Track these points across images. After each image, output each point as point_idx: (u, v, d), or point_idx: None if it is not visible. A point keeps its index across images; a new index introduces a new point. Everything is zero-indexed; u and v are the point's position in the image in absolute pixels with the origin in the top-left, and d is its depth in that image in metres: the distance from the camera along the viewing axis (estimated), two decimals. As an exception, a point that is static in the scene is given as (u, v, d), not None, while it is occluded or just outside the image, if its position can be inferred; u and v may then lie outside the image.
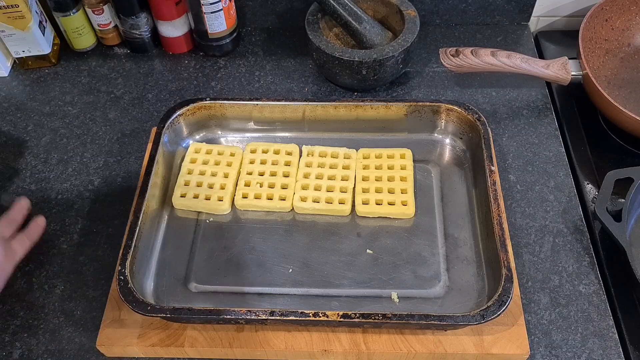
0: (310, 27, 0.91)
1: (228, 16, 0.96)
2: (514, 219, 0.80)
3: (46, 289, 0.76)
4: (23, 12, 0.92)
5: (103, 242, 0.80)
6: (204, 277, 0.74)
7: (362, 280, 0.73)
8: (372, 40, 0.92)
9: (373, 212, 0.79)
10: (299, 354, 0.69)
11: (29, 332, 0.72)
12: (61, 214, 0.83)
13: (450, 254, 0.75)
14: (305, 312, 0.65)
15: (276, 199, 0.79)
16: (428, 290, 0.72)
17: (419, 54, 1.00)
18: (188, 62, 1.01)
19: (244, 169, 0.83)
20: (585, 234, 0.79)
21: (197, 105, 0.84)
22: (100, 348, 0.69)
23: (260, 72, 0.99)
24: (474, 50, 0.88)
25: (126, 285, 0.67)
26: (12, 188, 0.86)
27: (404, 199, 0.79)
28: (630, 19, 0.95)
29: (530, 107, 0.93)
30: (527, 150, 0.87)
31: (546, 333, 0.71)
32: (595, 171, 0.85)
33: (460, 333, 0.68)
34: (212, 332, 0.69)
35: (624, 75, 0.94)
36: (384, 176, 0.81)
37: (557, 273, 0.75)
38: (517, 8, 1.02)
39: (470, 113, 0.81)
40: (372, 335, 0.68)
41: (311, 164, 0.82)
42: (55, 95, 0.97)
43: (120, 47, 1.04)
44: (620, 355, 0.69)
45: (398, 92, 0.95)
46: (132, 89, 0.98)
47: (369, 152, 0.84)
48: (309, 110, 0.84)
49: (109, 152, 0.89)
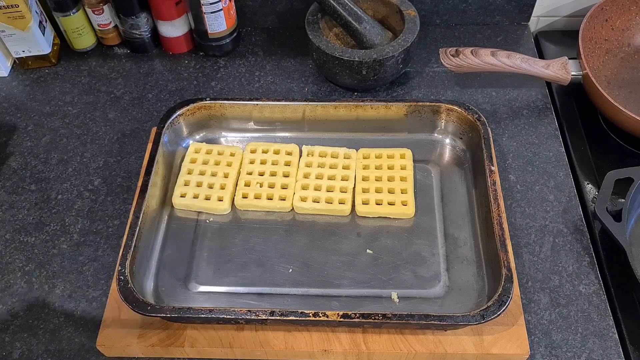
0: (310, 27, 0.91)
1: (228, 16, 0.96)
2: (514, 219, 0.80)
3: (46, 289, 0.76)
4: (23, 12, 0.92)
5: (103, 242, 0.80)
6: (204, 277, 0.74)
7: (362, 280, 0.73)
8: (372, 40, 0.92)
9: (373, 212, 0.79)
10: (299, 354, 0.69)
11: (29, 332, 0.72)
12: (61, 214, 0.83)
13: (450, 254, 0.75)
14: (305, 312, 0.65)
15: (276, 199, 0.79)
16: (428, 290, 0.72)
17: (419, 54, 1.00)
18: (188, 62, 1.01)
19: (244, 169, 0.83)
20: (585, 234, 0.79)
21: (197, 105, 0.84)
22: (100, 348, 0.69)
23: (260, 72, 0.99)
24: (474, 50, 0.88)
25: (126, 285, 0.67)
26: (12, 188, 0.86)
27: (404, 199, 0.79)
28: (630, 19, 0.95)
29: (530, 107, 0.93)
30: (527, 150, 0.87)
31: (546, 333, 0.71)
32: (595, 171, 0.85)
33: (460, 333, 0.68)
34: (212, 332, 0.69)
35: (624, 75, 0.94)
36: (384, 176, 0.81)
37: (557, 273, 0.75)
38: (517, 8, 1.02)
39: (470, 113, 0.81)
40: (372, 335, 0.68)
41: (311, 164, 0.82)
42: (55, 95, 0.97)
43: (120, 47, 1.04)
44: (620, 355, 0.69)
45: (398, 92, 0.95)
46: (132, 89, 0.98)
47: (369, 152, 0.84)
48: (309, 110, 0.84)
49: (109, 152, 0.89)
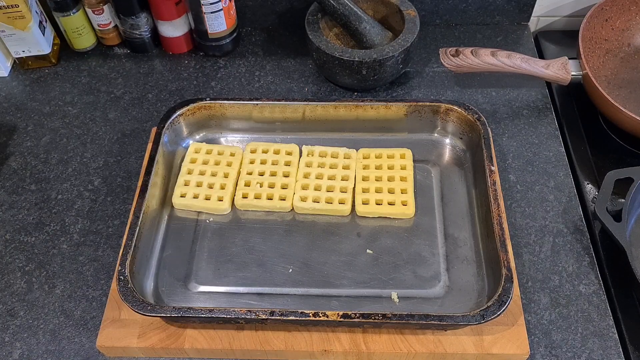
0: (310, 27, 0.91)
1: (228, 16, 0.96)
2: (514, 219, 0.80)
3: (46, 289, 0.76)
4: (23, 12, 0.92)
5: (103, 242, 0.80)
6: (204, 277, 0.74)
7: (362, 280, 0.73)
8: (372, 40, 0.92)
9: (373, 212, 0.79)
10: (299, 354, 0.69)
11: (29, 332, 0.72)
12: (61, 214, 0.83)
13: (450, 254, 0.75)
14: (305, 312, 0.65)
15: (276, 199, 0.79)
16: (428, 290, 0.72)
17: (419, 54, 1.00)
18: (188, 62, 1.01)
19: (244, 169, 0.83)
20: (585, 234, 0.79)
21: (197, 105, 0.84)
22: (100, 348, 0.69)
23: (260, 72, 0.99)
24: (474, 50, 0.88)
25: (126, 285, 0.67)
26: (13, 188, 0.86)
27: (404, 199, 0.79)
28: (630, 19, 0.95)
29: (530, 107, 0.93)
30: (527, 150, 0.87)
31: (546, 333, 0.71)
32: (595, 171, 0.85)
33: (460, 333, 0.68)
34: (212, 332, 0.69)
35: (624, 75, 0.94)
36: (384, 176, 0.81)
37: (557, 273, 0.75)
38: (517, 8, 1.02)
39: (470, 113, 0.81)
40: (372, 335, 0.68)
41: (311, 163, 0.82)
42: (55, 95, 0.97)
43: (120, 47, 1.04)
44: (620, 355, 0.69)
45: (398, 92, 0.95)
46: (132, 89, 0.98)
47: (369, 152, 0.84)
48: (309, 110, 0.84)
49: (109, 152, 0.89)
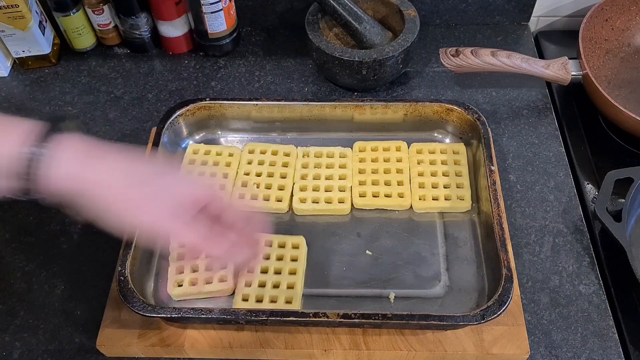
0: (310, 27, 0.91)
1: (228, 16, 0.96)
2: (514, 219, 0.80)
3: (46, 289, 0.76)
4: (23, 12, 0.92)
5: (103, 242, 0.79)
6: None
7: (362, 280, 0.73)
8: (372, 40, 0.92)
9: (371, 205, 0.78)
10: (299, 354, 0.69)
11: (29, 332, 0.72)
12: (61, 214, 0.82)
13: (450, 254, 0.75)
14: (305, 312, 0.65)
15: (273, 200, 0.79)
16: (428, 290, 0.72)
17: (419, 54, 1.00)
18: (188, 62, 1.01)
19: (241, 170, 0.82)
20: (585, 234, 0.79)
21: (197, 105, 0.84)
22: (100, 348, 0.69)
23: (260, 72, 0.99)
24: (474, 50, 0.88)
25: (126, 285, 0.67)
26: (12, 188, 0.86)
27: (401, 191, 0.79)
28: (630, 19, 0.95)
29: (530, 107, 0.93)
30: (527, 150, 0.87)
31: (546, 333, 0.71)
32: (595, 171, 0.85)
33: (460, 333, 0.68)
34: (212, 332, 0.69)
35: (624, 75, 0.94)
36: (381, 168, 0.81)
37: (557, 273, 0.75)
38: (517, 8, 1.02)
39: (470, 113, 0.81)
40: (372, 335, 0.68)
41: (307, 165, 0.82)
42: (55, 95, 0.97)
43: (120, 47, 1.04)
44: (620, 355, 0.69)
45: (398, 92, 0.95)
46: (132, 89, 0.98)
47: (365, 145, 0.84)
48: (308, 111, 0.84)
49: (109, 152, 0.89)
